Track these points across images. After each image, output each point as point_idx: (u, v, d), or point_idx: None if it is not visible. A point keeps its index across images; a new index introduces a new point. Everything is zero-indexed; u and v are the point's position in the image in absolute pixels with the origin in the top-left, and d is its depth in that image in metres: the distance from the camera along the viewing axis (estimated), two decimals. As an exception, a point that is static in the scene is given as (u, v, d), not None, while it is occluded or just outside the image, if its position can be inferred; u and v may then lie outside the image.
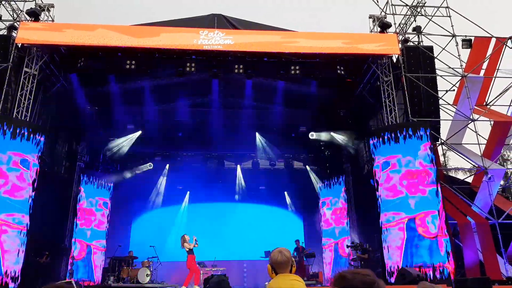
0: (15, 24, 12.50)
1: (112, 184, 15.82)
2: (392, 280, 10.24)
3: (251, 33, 12.81)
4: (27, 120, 11.50)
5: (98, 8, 56.18)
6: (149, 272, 12.55)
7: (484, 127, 13.39)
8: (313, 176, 17.11)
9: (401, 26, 13.99)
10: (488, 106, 14.09)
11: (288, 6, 60.86)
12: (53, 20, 12.98)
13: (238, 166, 17.73)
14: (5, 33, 12.36)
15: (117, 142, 15.79)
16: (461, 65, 13.14)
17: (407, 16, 13.88)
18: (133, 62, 12.83)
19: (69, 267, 13.44)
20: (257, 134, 16.55)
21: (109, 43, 11.97)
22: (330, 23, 51.46)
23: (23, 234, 10.28)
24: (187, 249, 10.96)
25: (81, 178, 14.73)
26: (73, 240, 13.92)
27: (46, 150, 11.89)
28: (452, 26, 13.39)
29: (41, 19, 12.65)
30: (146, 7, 57.09)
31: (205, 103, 15.30)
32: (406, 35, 13.78)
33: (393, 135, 11.46)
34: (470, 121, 12.69)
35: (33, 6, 12.57)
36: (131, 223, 16.91)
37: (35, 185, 10.78)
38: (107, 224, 15.11)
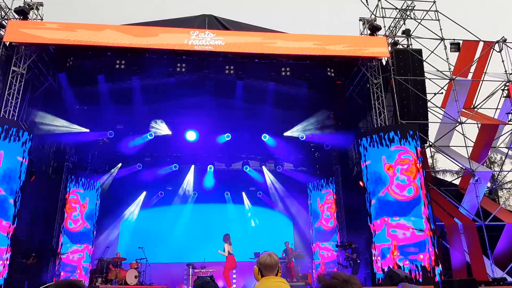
0: (3, 22, 12.35)
1: (100, 185, 15.70)
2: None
3: (240, 34, 12.88)
4: (15, 119, 11.36)
5: (85, 8, 55.87)
6: (137, 274, 12.47)
7: (471, 129, 13.58)
8: (302, 178, 17.13)
9: (391, 29, 14.12)
10: (475, 109, 14.28)
11: (281, 8, 61.03)
12: (41, 19, 12.86)
13: (229, 167, 17.68)
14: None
15: None
16: (449, 68, 13.30)
17: (397, 19, 14.02)
18: (123, 61, 12.78)
19: (56, 268, 13.30)
20: (247, 135, 16.53)
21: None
22: (322, 25, 51.71)
23: (8, 236, 10.14)
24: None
25: (69, 179, 14.59)
26: (60, 241, 13.78)
27: (34, 150, 11.76)
28: (440, 29, 13.57)
29: (29, 17, 12.52)
30: (135, 7, 56.90)
31: (195, 104, 15.25)
32: (396, 38, 13.90)
33: (382, 137, 11.54)
34: (458, 124, 12.84)
35: (22, 4, 12.45)
36: (120, 224, 16.76)
37: (22, 186, 10.65)
38: (94, 225, 14.98)
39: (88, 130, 14.77)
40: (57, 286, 2.10)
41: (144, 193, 16.97)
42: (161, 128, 15.86)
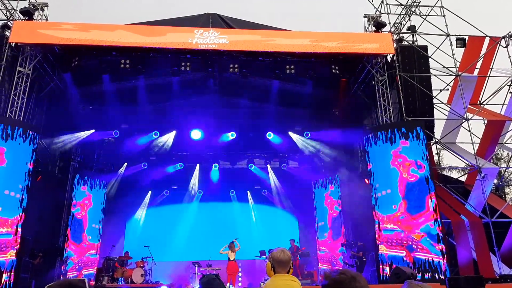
0: (9, 23, 12.42)
1: (106, 184, 15.76)
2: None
3: (242, 33, 12.91)
4: (21, 119, 11.43)
5: (89, 7, 56.09)
6: (143, 272, 12.53)
7: (478, 126, 13.49)
8: (308, 175, 17.10)
9: (396, 25, 14.04)
10: (481, 105, 14.17)
11: (284, 8, 60.87)
12: (47, 19, 12.91)
13: (234, 165, 17.68)
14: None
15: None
16: (455, 65, 13.21)
17: (402, 16, 13.93)
18: (128, 61, 12.82)
19: (62, 267, 13.37)
20: (252, 133, 16.52)
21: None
22: (328, 23, 51.57)
23: (15, 235, 10.20)
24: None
25: (75, 178, 14.66)
26: (66, 240, 13.84)
27: (40, 150, 11.81)
28: (446, 25, 13.47)
29: (34, 18, 12.57)
30: (138, 6, 57.01)
31: (200, 102, 15.26)
32: (401, 35, 13.82)
33: (387, 134, 11.49)
34: (464, 120, 12.75)
35: (27, 5, 12.51)
36: (126, 223, 16.82)
37: (28, 185, 10.71)
38: (100, 224, 15.05)
39: (93, 130, 14.83)
40: (60, 286, 2.15)
41: (150, 192, 17.01)
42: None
